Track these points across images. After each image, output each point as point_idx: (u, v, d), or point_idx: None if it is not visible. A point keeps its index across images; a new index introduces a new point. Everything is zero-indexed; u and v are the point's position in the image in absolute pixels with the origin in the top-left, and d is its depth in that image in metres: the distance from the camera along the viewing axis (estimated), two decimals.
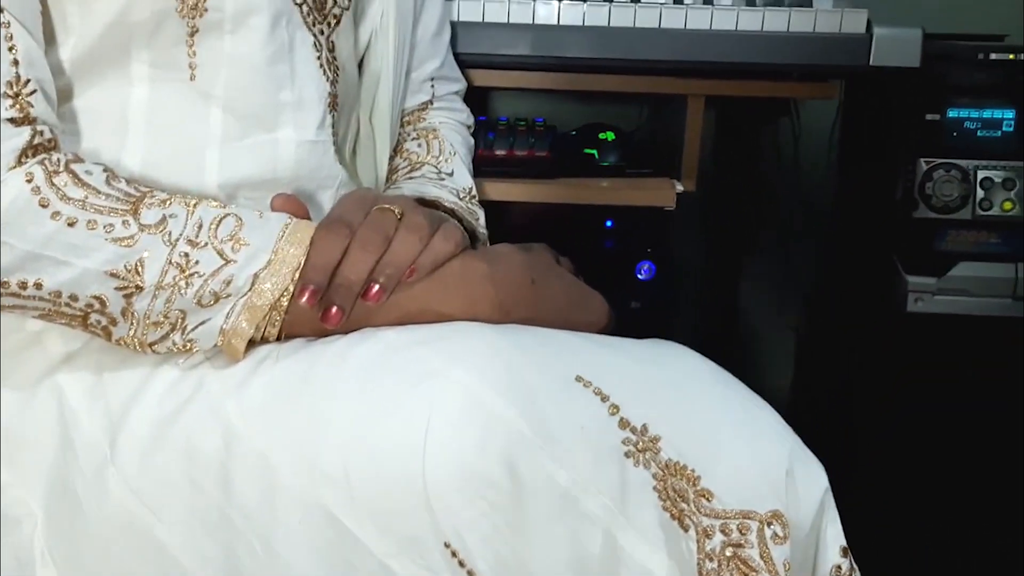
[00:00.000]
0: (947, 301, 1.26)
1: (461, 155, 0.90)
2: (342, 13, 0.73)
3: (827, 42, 1.04)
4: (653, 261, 1.25)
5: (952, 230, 1.25)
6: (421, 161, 0.87)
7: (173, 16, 0.62)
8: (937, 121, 1.25)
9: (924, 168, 1.25)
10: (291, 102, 0.69)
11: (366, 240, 0.59)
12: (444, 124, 0.92)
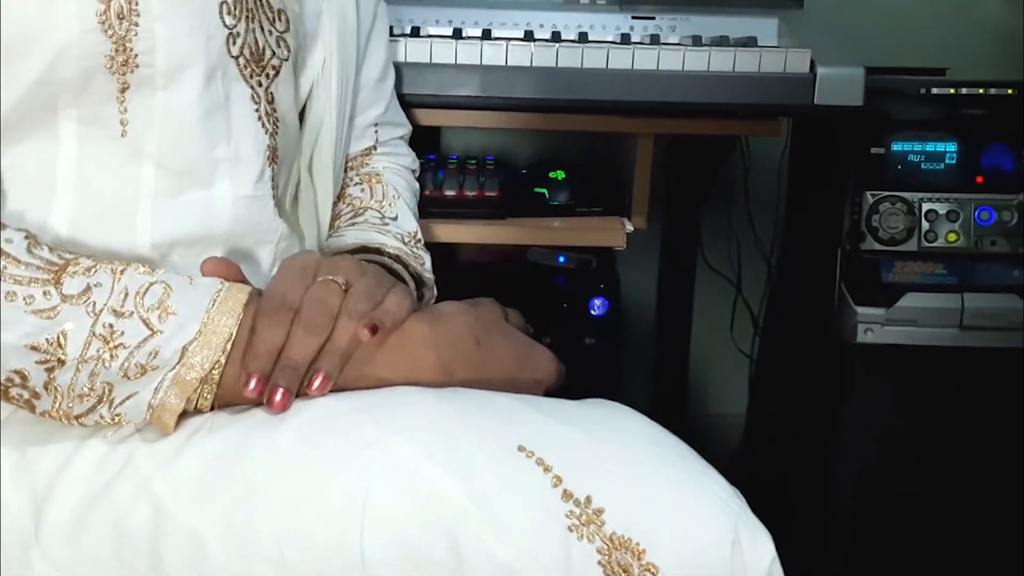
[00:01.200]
0: (895, 331, 1.28)
1: (405, 199, 0.89)
2: (281, 64, 0.71)
3: (772, 82, 1.04)
4: (606, 297, 1.25)
5: (899, 261, 1.27)
6: (364, 206, 0.86)
7: (102, 72, 0.60)
8: (882, 155, 1.26)
9: (870, 201, 1.26)
10: (227, 157, 0.67)
11: (310, 323, 0.57)
12: (388, 168, 0.91)
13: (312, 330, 0.57)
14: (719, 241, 1.75)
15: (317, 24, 0.76)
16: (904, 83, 1.26)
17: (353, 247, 0.78)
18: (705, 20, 1.19)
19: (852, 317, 1.28)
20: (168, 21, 0.62)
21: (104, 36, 0.59)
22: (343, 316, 0.58)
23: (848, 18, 1.61)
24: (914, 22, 1.69)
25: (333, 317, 0.58)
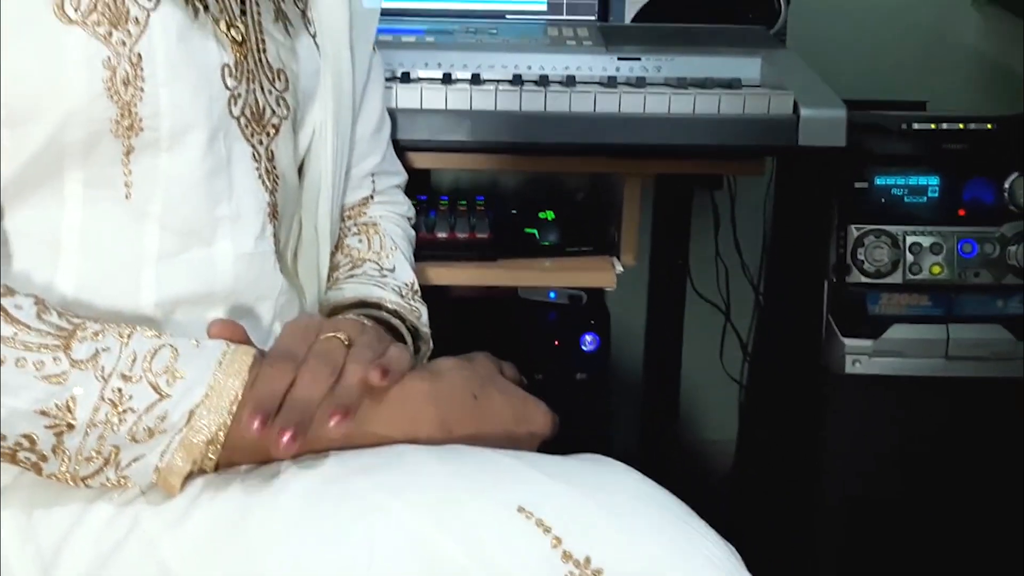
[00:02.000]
0: (882, 362, 1.30)
1: (402, 249, 0.90)
2: (281, 122, 0.73)
3: (756, 124, 1.07)
4: (596, 332, 1.26)
5: (885, 294, 1.29)
6: (362, 257, 0.87)
7: (108, 136, 0.62)
8: (865, 189, 1.29)
9: (855, 234, 1.29)
10: (228, 215, 0.69)
11: (315, 370, 0.58)
12: (384, 217, 0.92)
13: (317, 376, 0.59)
14: (707, 269, 1.77)
15: (315, 82, 0.77)
16: (886, 119, 1.29)
17: (352, 301, 0.79)
18: (690, 60, 1.21)
19: (840, 348, 1.30)
20: (172, 86, 0.63)
21: (110, 101, 0.61)
22: (350, 363, 0.60)
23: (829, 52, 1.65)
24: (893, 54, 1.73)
25: (338, 366, 0.59)
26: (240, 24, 0.69)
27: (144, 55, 0.61)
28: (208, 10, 0.67)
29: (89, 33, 0.59)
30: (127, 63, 0.61)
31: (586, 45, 1.25)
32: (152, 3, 0.62)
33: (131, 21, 0.61)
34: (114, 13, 0.60)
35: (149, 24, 0.62)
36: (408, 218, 0.97)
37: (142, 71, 0.61)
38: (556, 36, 1.28)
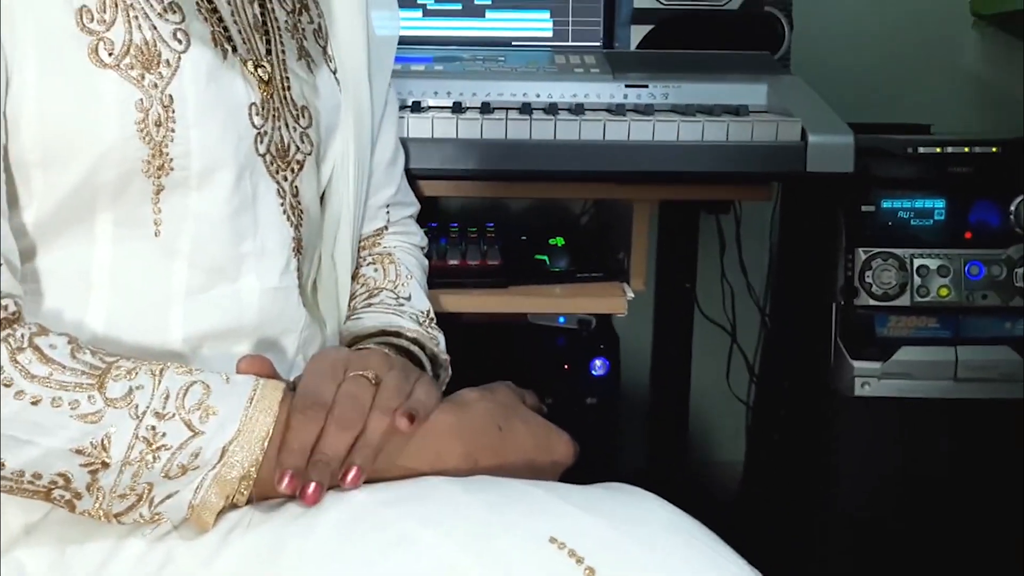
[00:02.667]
0: (891, 384, 1.31)
1: (416, 277, 0.91)
2: (305, 158, 0.74)
3: (764, 150, 1.08)
4: (606, 357, 1.27)
5: (893, 316, 1.30)
6: (379, 287, 0.88)
7: (139, 176, 0.63)
8: (872, 212, 1.30)
9: (863, 257, 1.30)
10: (254, 251, 0.70)
11: (343, 419, 0.58)
12: (399, 248, 0.93)
13: (345, 426, 0.59)
14: (712, 291, 1.78)
15: (337, 116, 0.79)
16: (892, 143, 1.30)
17: (373, 330, 0.80)
18: (696, 87, 1.23)
19: (849, 371, 1.31)
20: (202, 126, 0.64)
21: (142, 143, 0.62)
22: (375, 411, 0.60)
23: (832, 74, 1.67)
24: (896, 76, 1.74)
25: (365, 412, 0.60)
26: (266, 64, 0.70)
27: (175, 96, 0.62)
28: (236, 51, 0.68)
29: (122, 76, 0.61)
30: (159, 105, 0.62)
31: (593, 73, 1.26)
32: (183, 45, 0.64)
33: (163, 64, 0.62)
34: (146, 56, 0.61)
35: (180, 66, 0.63)
36: (421, 247, 0.98)
37: (173, 112, 0.62)
38: (563, 64, 1.30)
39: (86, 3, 0.60)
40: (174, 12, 0.64)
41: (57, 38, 0.59)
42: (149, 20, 0.62)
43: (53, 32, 0.59)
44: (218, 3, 0.68)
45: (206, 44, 0.65)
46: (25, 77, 0.58)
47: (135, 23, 0.62)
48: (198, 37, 0.65)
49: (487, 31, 1.52)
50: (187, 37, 0.64)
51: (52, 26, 0.59)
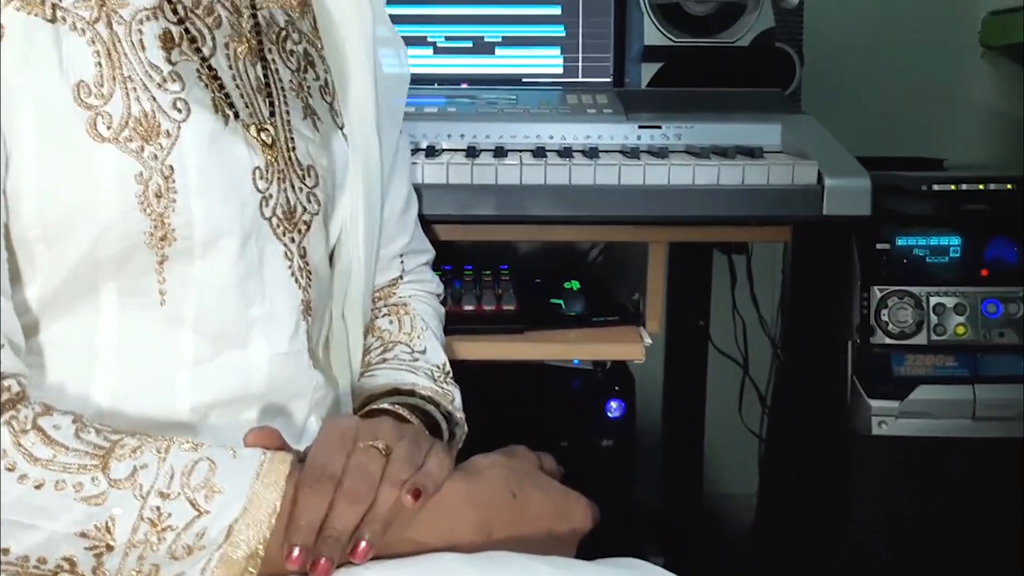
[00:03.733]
0: (909, 423, 1.30)
1: (432, 328, 0.90)
2: (312, 218, 0.73)
3: (780, 194, 1.07)
4: (621, 399, 1.26)
5: (910, 355, 1.29)
6: (394, 340, 0.87)
7: (142, 248, 0.62)
8: (887, 250, 1.29)
9: (878, 296, 1.29)
10: (262, 316, 0.69)
11: (352, 492, 0.57)
12: (414, 297, 0.92)
13: (354, 500, 0.58)
14: (724, 323, 1.77)
15: (345, 173, 0.78)
16: (906, 180, 1.30)
17: (386, 389, 0.79)
18: (710, 127, 1.22)
19: (866, 410, 1.30)
20: (204, 195, 0.64)
21: (143, 215, 0.61)
22: (385, 483, 0.59)
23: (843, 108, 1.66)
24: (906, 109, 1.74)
25: (375, 485, 0.59)
26: (269, 126, 0.70)
27: (176, 167, 0.62)
28: (238, 116, 0.67)
29: (121, 149, 0.60)
30: (159, 176, 0.61)
31: (606, 113, 1.26)
32: (183, 115, 0.63)
33: (162, 134, 0.62)
34: (146, 128, 0.61)
35: (180, 135, 0.63)
36: (437, 295, 0.97)
37: (174, 183, 0.62)
38: (576, 104, 1.30)
39: (83, 78, 0.60)
40: (174, 81, 0.64)
41: (55, 114, 0.59)
42: (148, 91, 0.62)
43: (51, 108, 0.58)
44: (219, 68, 0.67)
45: (207, 111, 0.65)
46: (24, 155, 0.58)
47: (133, 95, 0.61)
48: (199, 104, 0.64)
49: (498, 68, 1.52)
50: (187, 106, 0.64)
51: (50, 102, 0.58)
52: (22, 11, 0.58)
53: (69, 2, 0.60)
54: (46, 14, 0.59)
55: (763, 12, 1.44)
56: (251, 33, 0.71)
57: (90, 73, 0.60)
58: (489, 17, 1.52)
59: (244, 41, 0.70)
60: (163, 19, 0.64)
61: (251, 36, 0.71)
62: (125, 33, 0.62)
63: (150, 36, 0.63)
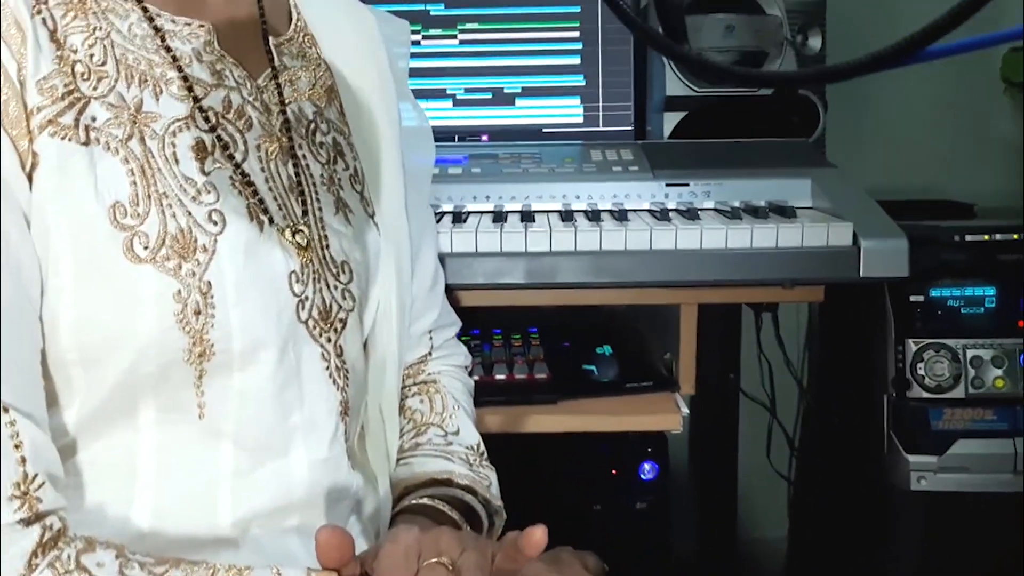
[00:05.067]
0: (948, 478, 1.27)
1: (464, 406, 0.88)
2: (347, 315, 0.72)
3: (815, 256, 1.05)
4: (655, 460, 1.24)
5: (948, 409, 1.26)
6: (426, 422, 0.85)
7: (180, 364, 0.61)
8: (921, 302, 1.27)
9: (913, 349, 1.27)
10: (301, 424, 0.67)
11: None
12: (443, 373, 0.91)
13: None
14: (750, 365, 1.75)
15: (377, 262, 0.76)
16: (938, 231, 1.27)
17: (423, 480, 0.77)
18: (738, 184, 1.20)
19: (904, 464, 1.27)
20: (242, 307, 0.62)
21: (182, 333, 0.60)
22: None
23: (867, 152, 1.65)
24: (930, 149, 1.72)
25: None
26: (303, 227, 0.68)
27: (214, 282, 0.61)
28: (273, 221, 0.66)
29: (159, 269, 0.59)
30: (197, 293, 0.60)
31: (632, 171, 1.24)
32: (219, 227, 0.62)
33: (199, 249, 0.60)
34: (182, 245, 0.60)
35: (217, 249, 0.61)
36: (465, 367, 0.95)
37: (212, 298, 0.61)
38: (600, 161, 1.28)
39: (119, 198, 0.58)
40: (208, 192, 0.62)
41: (92, 238, 0.57)
42: (183, 206, 0.61)
43: (87, 233, 0.57)
44: (252, 172, 0.66)
45: (242, 220, 0.63)
46: (62, 280, 0.57)
47: (169, 212, 0.60)
48: (234, 214, 0.63)
49: (518, 119, 1.51)
50: (222, 217, 0.62)
51: (86, 227, 0.57)
52: (56, 137, 0.57)
53: (101, 121, 0.59)
54: (79, 138, 0.58)
55: (785, 59, 1.42)
56: (281, 131, 0.70)
57: (125, 193, 0.59)
58: (508, 68, 1.51)
59: (275, 140, 0.69)
60: (195, 128, 0.63)
61: (282, 134, 0.70)
62: (158, 148, 0.61)
63: (183, 147, 0.62)
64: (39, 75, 0.57)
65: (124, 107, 0.60)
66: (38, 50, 0.57)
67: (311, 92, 0.75)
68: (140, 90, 0.61)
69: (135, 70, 0.62)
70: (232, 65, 0.67)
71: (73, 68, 0.58)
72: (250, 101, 0.68)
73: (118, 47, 0.61)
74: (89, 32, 0.60)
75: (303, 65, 0.75)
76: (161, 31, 0.64)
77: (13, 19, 0.56)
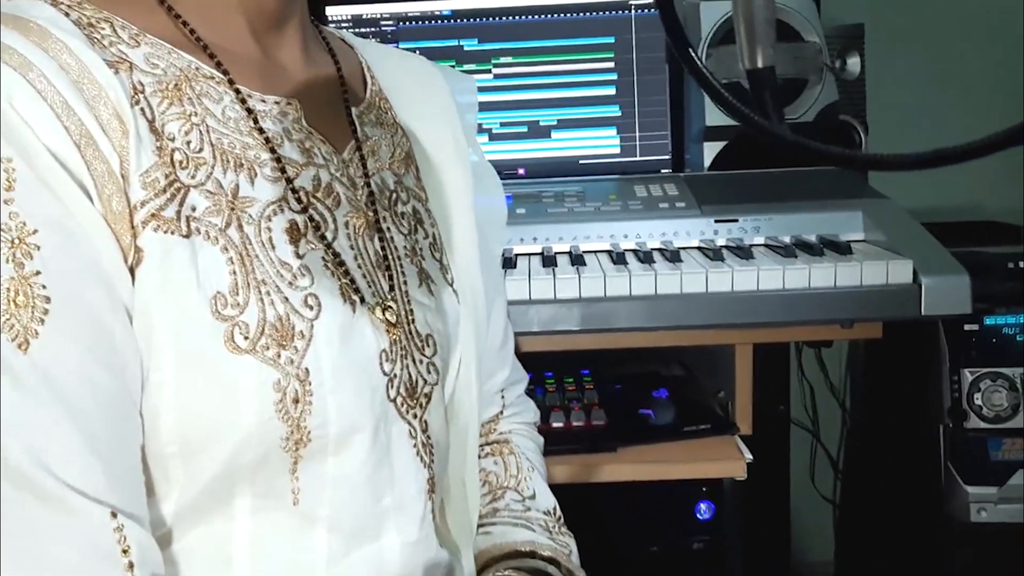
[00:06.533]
0: (1009, 510, 1.25)
1: (538, 467, 0.87)
2: (432, 389, 0.70)
3: (874, 295, 1.03)
4: (711, 500, 1.22)
5: (1007, 439, 1.25)
6: (502, 485, 0.84)
7: (277, 452, 0.60)
8: (976, 331, 1.25)
9: (969, 379, 1.25)
10: (392, 506, 0.66)
11: None
12: (514, 432, 0.89)
13: None
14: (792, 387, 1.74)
15: (457, 330, 0.75)
16: (991, 258, 1.26)
17: (505, 552, 0.76)
18: (788, 218, 1.19)
19: (963, 496, 1.26)
20: (338, 392, 0.61)
21: (281, 421, 0.59)
22: None
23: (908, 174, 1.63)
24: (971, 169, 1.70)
25: None
26: (391, 302, 0.67)
27: (311, 368, 0.60)
28: (364, 301, 0.65)
29: (259, 359, 0.58)
30: (296, 381, 0.59)
31: (679, 207, 1.23)
32: (314, 312, 0.61)
33: (296, 336, 0.59)
34: (281, 332, 0.59)
35: (314, 335, 0.60)
36: (535, 423, 0.94)
37: (310, 385, 0.59)
38: (645, 197, 1.27)
39: (219, 289, 0.57)
40: (303, 275, 0.61)
41: (193, 331, 0.56)
42: (281, 292, 0.60)
43: (189, 326, 0.56)
44: (342, 251, 0.65)
45: (336, 302, 0.62)
46: (163, 375, 0.56)
47: (268, 299, 0.59)
48: (328, 296, 0.62)
49: (554, 152, 1.50)
50: (318, 301, 0.61)
51: (188, 320, 0.56)
52: (159, 231, 0.56)
53: (201, 210, 0.58)
54: (181, 230, 0.57)
55: (826, 85, 1.41)
56: (367, 204, 0.69)
57: (225, 283, 0.58)
58: (543, 101, 1.50)
59: (362, 215, 0.68)
60: (288, 210, 0.62)
61: (367, 208, 0.69)
62: (255, 233, 0.60)
63: (278, 231, 0.61)
64: (141, 169, 0.56)
65: (222, 193, 0.59)
66: (139, 142, 0.56)
67: (391, 161, 0.74)
68: (236, 175, 0.60)
69: (230, 154, 0.61)
70: (319, 141, 0.67)
71: (172, 157, 0.58)
72: (337, 177, 0.67)
73: (213, 132, 0.60)
74: (185, 119, 0.59)
75: (382, 133, 0.74)
76: (253, 112, 0.63)
77: (115, 111, 0.55)
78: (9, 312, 0.51)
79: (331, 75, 0.73)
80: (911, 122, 1.69)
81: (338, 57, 0.75)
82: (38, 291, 0.52)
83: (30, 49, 0.54)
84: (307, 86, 0.68)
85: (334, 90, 0.72)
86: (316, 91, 0.69)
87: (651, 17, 1.49)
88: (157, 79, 0.59)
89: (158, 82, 0.59)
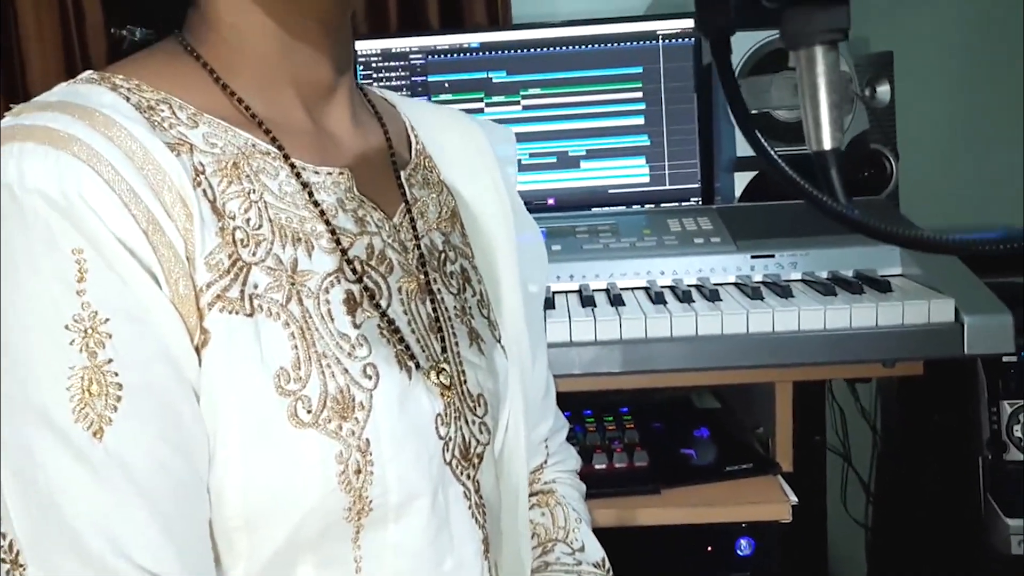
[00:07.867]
0: None
1: (584, 518, 0.87)
2: (484, 449, 0.71)
3: (916, 334, 1.03)
4: (752, 536, 1.22)
5: None
6: (551, 537, 0.84)
7: (340, 522, 0.60)
8: (1015, 363, 1.24)
9: (1008, 411, 1.24)
10: (452, 569, 0.66)
11: None
12: (558, 481, 0.89)
13: None
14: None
15: (506, 387, 0.75)
16: None
17: None
18: (824, 253, 1.19)
19: (1004, 529, 1.25)
20: (397, 460, 0.61)
21: (344, 493, 0.59)
22: None
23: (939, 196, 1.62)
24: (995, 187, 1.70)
25: None
26: (445, 364, 0.67)
27: (371, 439, 0.60)
28: (419, 366, 0.65)
29: (321, 432, 0.58)
30: (357, 452, 0.59)
31: (714, 243, 1.23)
32: (373, 382, 0.61)
33: (357, 407, 0.60)
34: (342, 405, 0.59)
35: (373, 405, 0.60)
36: (577, 471, 0.94)
37: (371, 455, 0.60)
38: (680, 232, 1.27)
39: (282, 364, 0.58)
40: (361, 346, 0.62)
41: (258, 408, 0.57)
42: (340, 364, 0.60)
43: (254, 403, 0.57)
44: (396, 317, 0.65)
45: (393, 371, 0.63)
46: (229, 452, 0.56)
47: (328, 372, 0.59)
48: (385, 365, 0.62)
49: (583, 181, 1.50)
50: (375, 370, 0.61)
51: (253, 397, 0.57)
52: (224, 312, 0.56)
53: (263, 287, 0.58)
54: (245, 309, 0.57)
55: (857, 114, 1.41)
56: (417, 267, 0.69)
57: (288, 358, 0.58)
58: (572, 132, 1.51)
59: (413, 279, 0.68)
60: (344, 281, 0.63)
61: (418, 270, 0.69)
62: (314, 306, 0.60)
63: (336, 303, 0.61)
64: (206, 251, 0.56)
65: (282, 269, 0.60)
66: (203, 225, 0.56)
67: (438, 220, 0.74)
68: (295, 249, 0.61)
69: (288, 229, 0.61)
70: (371, 209, 0.67)
71: (234, 236, 0.58)
72: (389, 243, 0.67)
73: (271, 208, 0.61)
74: (244, 196, 0.60)
75: (429, 193, 0.74)
76: (308, 185, 0.63)
77: (178, 195, 0.56)
78: (84, 401, 0.51)
79: (379, 139, 0.73)
80: (940, 147, 1.68)
81: (384, 120, 0.75)
82: (111, 379, 0.52)
83: (97, 139, 0.54)
84: (357, 154, 0.69)
85: (383, 155, 0.72)
86: (366, 158, 0.69)
87: (679, 47, 1.50)
88: (216, 158, 0.60)
89: (217, 161, 0.59)
